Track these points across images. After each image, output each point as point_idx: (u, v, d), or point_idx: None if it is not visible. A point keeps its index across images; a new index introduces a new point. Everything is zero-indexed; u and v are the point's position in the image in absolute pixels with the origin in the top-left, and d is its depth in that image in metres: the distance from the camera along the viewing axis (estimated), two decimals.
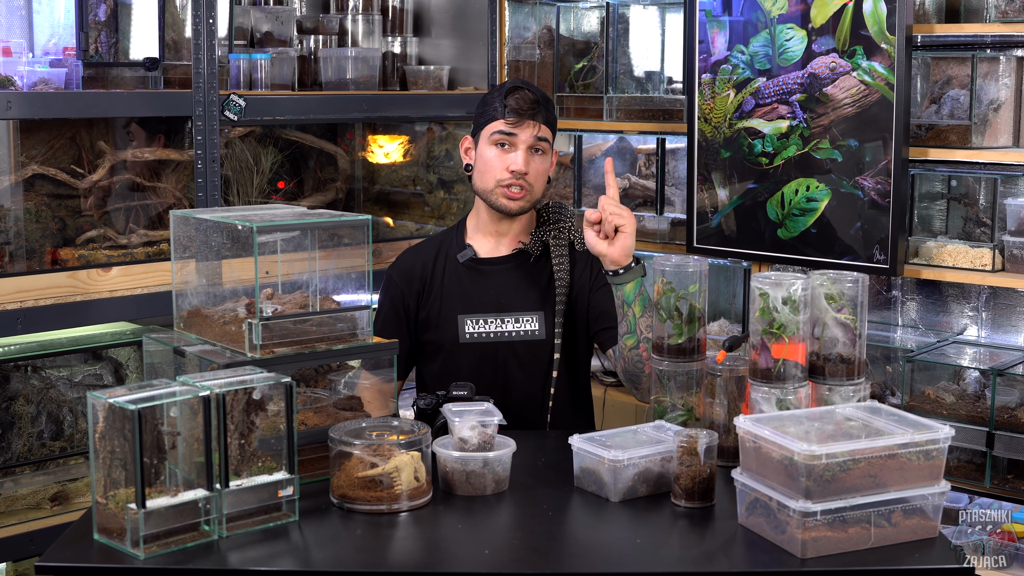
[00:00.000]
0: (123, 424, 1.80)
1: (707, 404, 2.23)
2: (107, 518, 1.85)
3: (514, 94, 2.67)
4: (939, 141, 3.15)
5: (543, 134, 2.67)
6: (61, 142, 3.20)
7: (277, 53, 3.47)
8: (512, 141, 2.66)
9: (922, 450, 1.86)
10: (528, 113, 2.65)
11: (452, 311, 2.69)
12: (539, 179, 2.69)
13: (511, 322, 2.67)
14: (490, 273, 2.73)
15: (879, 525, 1.85)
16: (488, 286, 2.71)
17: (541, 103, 2.68)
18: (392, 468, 1.98)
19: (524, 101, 2.66)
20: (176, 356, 2.17)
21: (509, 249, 2.74)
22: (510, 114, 2.65)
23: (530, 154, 2.67)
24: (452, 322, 2.68)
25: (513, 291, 2.70)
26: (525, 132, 2.66)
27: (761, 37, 3.31)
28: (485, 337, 2.67)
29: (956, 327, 3.36)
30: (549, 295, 2.70)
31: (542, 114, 2.67)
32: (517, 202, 2.67)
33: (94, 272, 2.97)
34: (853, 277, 2.11)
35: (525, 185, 2.66)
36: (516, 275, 2.72)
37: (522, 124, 2.65)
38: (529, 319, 2.68)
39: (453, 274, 2.73)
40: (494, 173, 2.67)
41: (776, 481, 1.85)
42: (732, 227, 3.45)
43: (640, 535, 1.95)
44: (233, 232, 2.21)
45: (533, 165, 2.67)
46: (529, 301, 2.70)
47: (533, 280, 2.72)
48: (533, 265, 2.73)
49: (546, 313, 2.69)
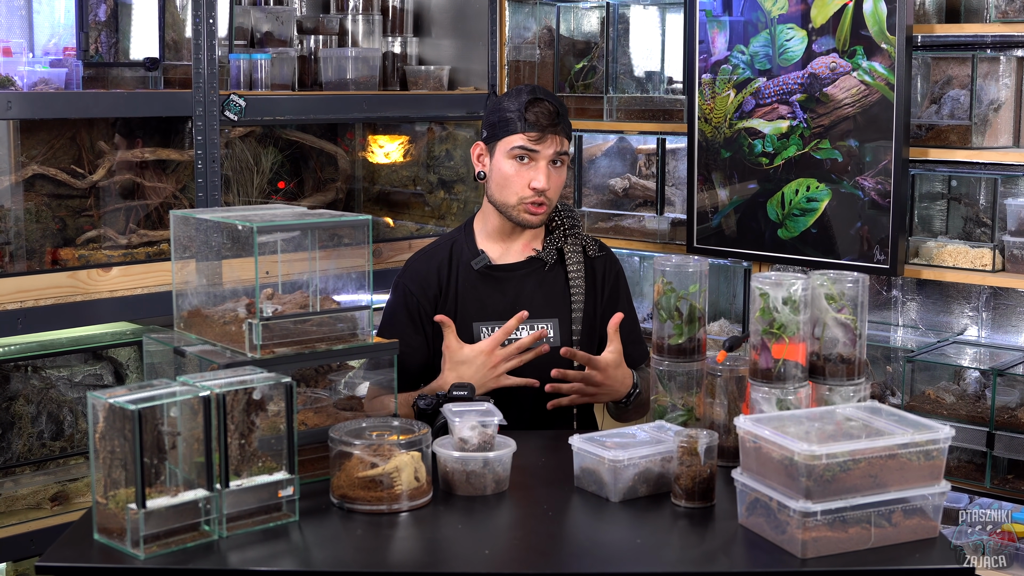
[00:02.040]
0: (123, 424, 1.80)
1: (707, 404, 2.23)
2: (107, 518, 1.85)
3: (534, 107, 2.61)
4: (939, 141, 3.14)
5: (564, 148, 2.63)
6: (61, 142, 3.20)
7: (277, 53, 3.47)
8: (533, 157, 2.61)
9: (922, 450, 1.86)
10: (550, 128, 2.60)
11: (467, 318, 2.64)
12: (558, 192, 2.66)
13: (526, 329, 2.62)
14: (505, 280, 2.68)
15: (879, 525, 1.85)
16: (503, 293, 2.67)
17: (561, 115, 2.63)
18: (392, 468, 1.98)
19: (545, 115, 2.60)
20: (176, 356, 2.17)
21: (522, 255, 2.70)
22: (531, 129, 2.59)
23: (550, 168, 2.62)
24: (467, 329, 2.63)
25: (529, 298, 2.66)
26: (547, 148, 2.60)
27: (761, 37, 3.31)
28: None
29: (956, 327, 3.36)
30: (564, 302, 2.67)
31: (562, 126, 2.63)
32: (539, 217, 2.64)
33: (94, 272, 2.97)
34: (853, 277, 2.11)
35: (546, 201, 2.63)
36: (531, 282, 2.68)
37: (544, 140, 2.60)
38: (544, 326, 2.64)
39: (467, 281, 2.67)
40: (515, 189, 2.62)
41: (776, 481, 1.85)
42: (732, 227, 3.45)
43: (640, 535, 1.95)
44: (233, 232, 2.21)
45: (553, 179, 2.63)
46: (545, 308, 2.66)
47: (548, 287, 2.68)
48: (547, 272, 2.69)
49: (561, 320, 2.66)
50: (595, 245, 2.76)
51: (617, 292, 2.77)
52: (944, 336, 3.34)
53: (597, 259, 2.75)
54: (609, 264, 2.77)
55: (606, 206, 3.94)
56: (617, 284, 2.77)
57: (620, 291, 2.78)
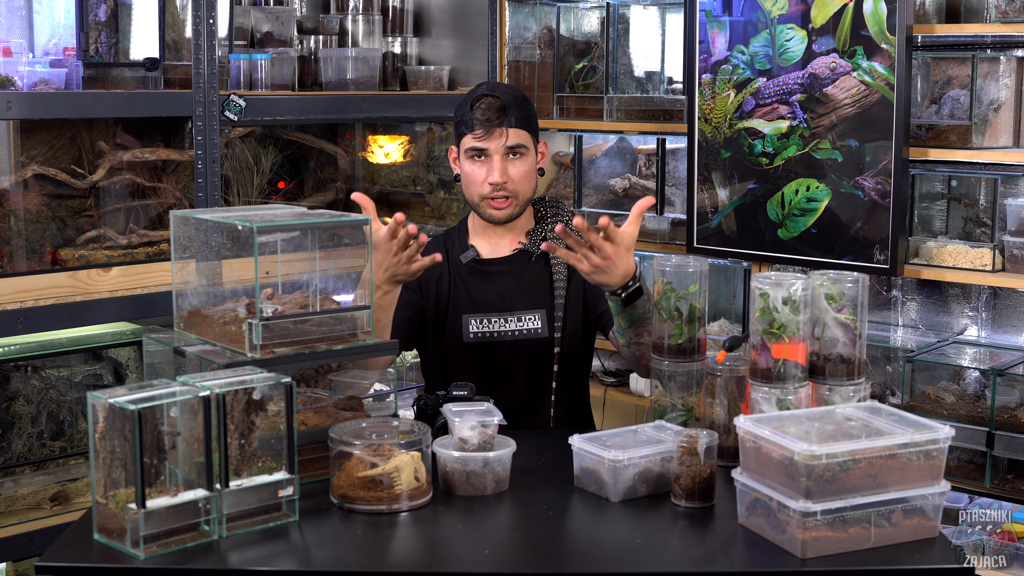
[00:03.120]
0: (123, 424, 1.80)
1: (707, 404, 2.23)
2: (107, 518, 1.85)
3: (479, 104, 2.62)
4: (939, 141, 3.15)
5: (514, 140, 2.63)
6: (61, 142, 3.20)
7: (277, 53, 3.47)
8: (486, 153, 2.63)
9: (922, 450, 1.86)
10: (495, 122, 2.60)
11: (458, 311, 2.70)
12: (523, 182, 2.65)
13: (514, 321, 2.67)
14: (493, 273, 2.72)
15: (879, 525, 1.85)
16: (491, 286, 2.71)
17: (509, 107, 2.62)
18: (392, 468, 1.98)
19: (489, 110, 2.61)
20: (176, 356, 2.17)
21: (510, 249, 2.74)
22: (477, 126, 2.61)
23: (507, 161, 2.63)
24: (457, 321, 2.69)
25: (515, 290, 2.70)
26: (494, 143, 2.62)
27: (761, 37, 3.31)
28: (488, 336, 2.68)
29: (956, 327, 3.36)
30: (550, 292, 2.71)
31: (512, 117, 2.62)
32: (504, 211, 2.66)
33: (94, 272, 2.97)
34: (853, 277, 2.11)
35: (508, 193, 2.64)
36: (518, 274, 2.72)
37: (490, 135, 2.61)
38: (531, 317, 2.68)
39: (458, 275, 2.73)
40: (476, 187, 2.66)
41: (776, 481, 1.85)
42: (732, 227, 3.45)
43: (640, 535, 1.95)
44: (233, 232, 2.21)
45: (512, 171, 2.63)
46: (531, 299, 2.70)
47: (535, 278, 2.72)
48: (534, 263, 2.73)
49: (548, 310, 2.69)
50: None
51: None
52: (944, 336, 3.34)
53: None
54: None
55: (606, 206, 3.94)
56: None
57: None
